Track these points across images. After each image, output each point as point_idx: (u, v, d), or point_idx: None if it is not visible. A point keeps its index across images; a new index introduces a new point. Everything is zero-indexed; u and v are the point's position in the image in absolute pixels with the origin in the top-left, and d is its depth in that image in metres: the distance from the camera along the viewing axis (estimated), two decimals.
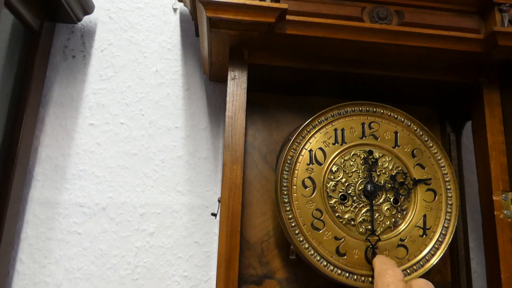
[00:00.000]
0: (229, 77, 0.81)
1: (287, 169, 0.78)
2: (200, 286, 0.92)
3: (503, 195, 0.79)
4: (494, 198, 0.79)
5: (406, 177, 0.80)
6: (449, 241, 0.77)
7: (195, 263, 0.93)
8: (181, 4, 1.09)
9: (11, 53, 0.91)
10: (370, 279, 0.74)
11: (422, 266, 0.76)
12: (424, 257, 0.77)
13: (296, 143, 0.80)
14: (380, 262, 0.68)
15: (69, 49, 1.05)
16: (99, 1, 1.07)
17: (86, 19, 1.06)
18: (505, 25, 0.76)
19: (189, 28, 1.08)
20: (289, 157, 0.79)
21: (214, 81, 1.03)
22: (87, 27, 1.06)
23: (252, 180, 0.94)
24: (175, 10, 1.10)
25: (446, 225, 0.79)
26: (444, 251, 0.77)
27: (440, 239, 0.78)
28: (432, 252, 0.77)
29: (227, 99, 0.79)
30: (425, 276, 0.90)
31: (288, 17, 0.74)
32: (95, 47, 1.06)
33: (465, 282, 0.88)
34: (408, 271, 0.76)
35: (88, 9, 1.02)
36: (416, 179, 0.80)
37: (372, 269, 0.70)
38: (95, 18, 1.07)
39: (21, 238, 0.92)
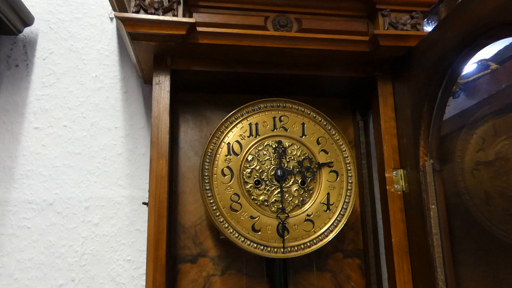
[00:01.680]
0: (153, 82, 0.91)
1: (208, 160, 0.90)
2: (143, 268, 1.03)
3: (394, 172, 0.93)
4: (386, 175, 0.93)
5: (311, 162, 0.93)
6: (349, 214, 0.91)
7: (137, 248, 1.04)
8: None
9: None
10: (281, 250, 0.87)
11: (327, 236, 0.89)
12: (328, 228, 0.90)
13: (215, 138, 0.91)
14: None
15: (12, 58, 1.13)
16: (39, 13, 1.15)
17: (28, 30, 1.14)
18: (386, 28, 0.90)
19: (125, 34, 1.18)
20: (209, 150, 0.90)
21: (149, 83, 1.13)
22: (29, 38, 1.14)
23: (185, 172, 1.05)
24: (111, 19, 1.19)
25: (347, 201, 0.92)
26: (345, 222, 0.91)
27: (341, 213, 0.91)
28: (335, 224, 0.90)
29: (152, 101, 0.90)
30: (340, 245, 1.04)
31: (199, 28, 0.85)
32: (37, 56, 1.14)
33: (372, 249, 1.03)
34: (315, 241, 0.89)
35: (28, 21, 1.10)
36: (320, 163, 0.93)
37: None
38: (36, 29, 1.15)
39: None
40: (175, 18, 0.82)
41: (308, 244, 0.89)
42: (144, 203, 0.92)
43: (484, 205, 0.91)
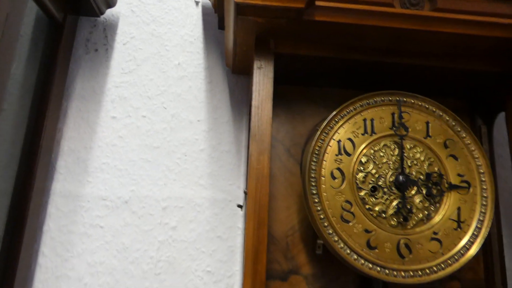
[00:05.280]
0: (255, 66, 0.79)
1: (315, 160, 0.76)
2: (224, 281, 0.90)
3: None
4: None
5: (441, 178, 0.77)
6: (485, 235, 0.74)
7: (218, 258, 0.91)
8: None
9: (35, 46, 0.91)
10: (402, 274, 0.71)
11: (457, 260, 0.73)
12: (459, 251, 0.74)
13: (324, 134, 0.77)
14: None
15: (92, 42, 1.04)
16: None
17: (109, 12, 1.05)
18: None
19: (211, 21, 1.07)
20: (317, 148, 0.76)
21: (237, 73, 1.02)
22: (110, 21, 1.06)
23: (276, 173, 0.92)
24: (197, 3, 1.09)
25: (481, 218, 0.75)
26: (480, 245, 0.74)
27: (475, 233, 0.75)
28: (467, 246, 0.74)
29: (253, 88, 0.78)
30: (456, 272, 0.87)
31: (317, 2, 0.72)
32: (117, 40, 1.05)
33: (499, 280, 0.85)
34: (443, 265, 0.73)
35: (111, 3, 1.02)
36: (453, 184, 0.77)
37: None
38: (117, 12, 1.07)
39: (44, 231, 0.91)
40: None
41: (435, 269, 0.72)
42: (239, 206, 0.80)
43: None
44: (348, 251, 0.72)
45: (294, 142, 0.93)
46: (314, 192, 0.74)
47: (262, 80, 0.78)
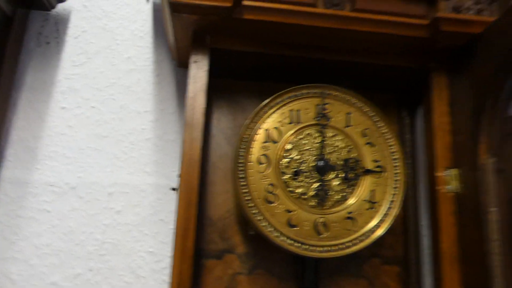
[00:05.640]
0: (191, 61, 0.85)
1: (243, 147, 0.83)
2: (165, 261, 0.96)
3: (446, 171, 0.84)
4: (437, 174, 0.84)
5: (357, 163, 0.85)
6: (396, 214, 0.83)
7: (160, 240, 0.97)
8: None
9: None
10: (319, 249, 0.79)
11: (369, 237, 0.81)
12: (371, 229, 0.82)
13: (253, 123, 0.84)
14: None
15: (43, 35, 1.08)
16: None
17: (60, 7, 1.10)
18: (449, 12, 0.82)
19: (161, 17, 1.13)
20: (245, 136, 0.83)
21: (183, 67, 1.08)
22: (62, 15, 1.10)
23: (216, 161, 0.98)
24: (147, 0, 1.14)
25: (393, 200, 0.84)
26: (390, 224, 0.82)
27: (386, 213, 0.83)
28: (378, 224, 0.82)
29: (189, 81, 0.84)
30: (378, 250, 0.95)
31: (245, 2, 0.79)
32: (69, 34, 1.09)
33: (414, 257, 0.94)
34: (356, 241, 0.81)
35: None
36: (367, 169, 0.85)
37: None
38: (70, 6, 1.11)
39: None
40: None
41: (349, 244, 0.80)
42: (172, 189, 0.86)
43: None
44: (271, 229, 0.79)
45: (234, 132, 1.00)
46: (242, 176, 0.81)
47: (197, 73, 0.85)
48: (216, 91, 1.02)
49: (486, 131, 0.78)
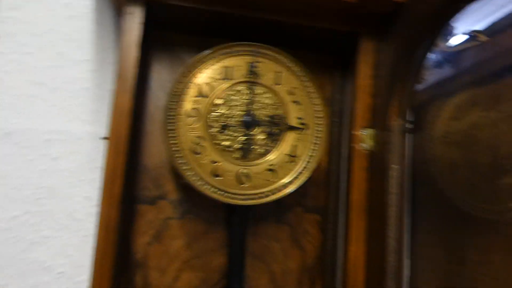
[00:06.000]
0: (125, 12, 0.86)
1: (174, 100, 0.86)
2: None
3: (363, 130, 0.91)
4: (355, 132, 0.91)
5: (282, 120, 0.90)
6: (314, 167, 0.90)
7: (96, 186, 1.02)
8: None
9: None
10: (241, 197, 0.86)
11: (286, 187, 0.88)
12: (290, 180, 0.89)
13: (184, 77, 0.88)
14: None
15: None
16: None
17: None
18: None
19: None
20: (176, 89, 0.87)
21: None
22: None
23: (154, 112, 1.01)
24: None
25: (312, 154, 0.91)
26: (309, 175, 0.89)
27: (305, 166, 0.90)
28: (297, 176, 0.89)
29: (121, 32, 0.86)
30: (302, 200, 1.04)
31: None
32: None
33: (332, 206, 1.03)
34: (275, 190, 0.88)
35: None
36: (290, 125, 0.90)
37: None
38: None
39: None
40: None
41: (269, 193, 0.88)
42: (104, 138, 0.89)
43: (449, 174, 0.91)
44: (195, 178, 0.85)
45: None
46: (171, 128, 0.85)
47: (130, 25, 0.86)
48: (158, 43, 1.03)
49: (398, 94, 0.85)
